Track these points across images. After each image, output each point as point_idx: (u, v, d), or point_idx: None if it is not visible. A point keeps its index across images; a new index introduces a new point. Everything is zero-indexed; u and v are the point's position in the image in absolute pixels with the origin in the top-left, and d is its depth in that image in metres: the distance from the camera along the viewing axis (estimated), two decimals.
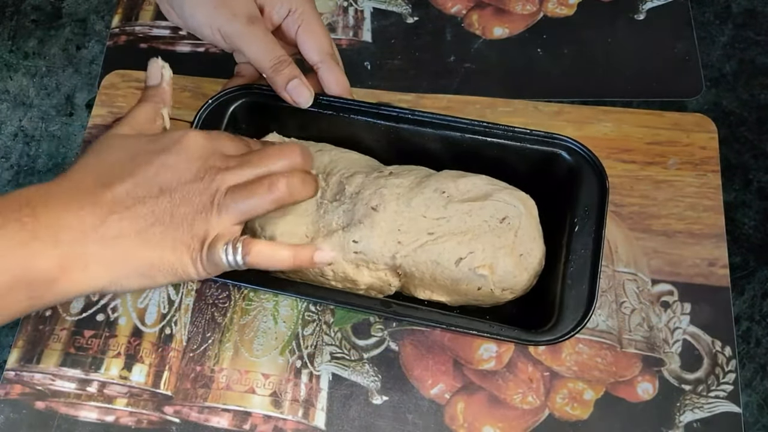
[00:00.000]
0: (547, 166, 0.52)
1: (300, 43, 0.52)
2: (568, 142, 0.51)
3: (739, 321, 0.57)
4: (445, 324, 0.47)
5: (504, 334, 0.47)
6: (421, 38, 0.68)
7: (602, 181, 0.50)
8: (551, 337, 0.46)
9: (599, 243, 0.48)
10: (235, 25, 0.50)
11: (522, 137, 0.52)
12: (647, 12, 0.68)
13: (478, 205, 0.49)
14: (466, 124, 0.52)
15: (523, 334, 0.47)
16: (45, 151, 0.66)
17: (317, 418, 0.53)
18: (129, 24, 0.69)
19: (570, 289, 0.47)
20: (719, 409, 0.52)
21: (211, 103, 0.53)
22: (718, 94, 0.65)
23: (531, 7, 0.69)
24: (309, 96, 0.51)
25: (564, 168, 0.52)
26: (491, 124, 0.52)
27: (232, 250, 0.42)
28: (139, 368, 0.54)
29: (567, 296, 0.47)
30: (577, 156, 0.51)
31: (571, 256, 0.48)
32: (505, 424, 0.52)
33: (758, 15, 0.69)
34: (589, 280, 0.47)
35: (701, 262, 0.57)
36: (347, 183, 0.51)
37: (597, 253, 0.48)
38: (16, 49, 0.70)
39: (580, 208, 0.50)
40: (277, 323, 0.55)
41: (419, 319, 0.48)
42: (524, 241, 0.49)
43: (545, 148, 0.52)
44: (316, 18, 0.53)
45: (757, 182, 0.62)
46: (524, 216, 0.50)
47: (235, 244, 0.42)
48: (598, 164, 0.51)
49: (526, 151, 0.52)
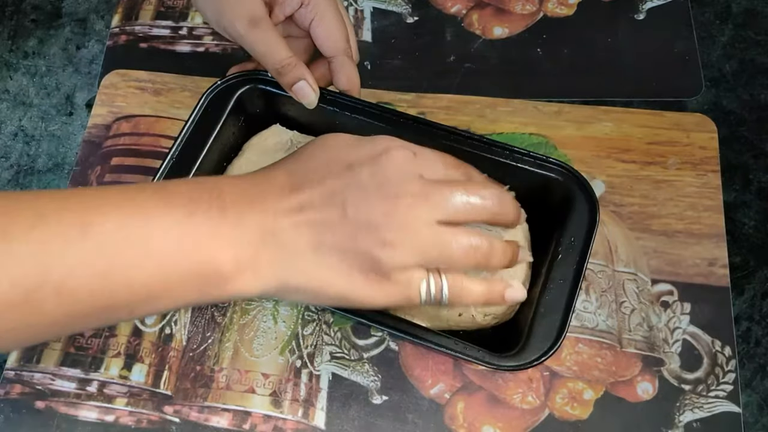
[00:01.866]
0: (541, 190, 0.51)
1: (314, 36, 0.52)
2: (566, 168, 0.50)
3: (739, 321, 0.57)
4: (411, 336, 0.46)
5: (468, 354, 0.45)
6: (421, 38, 0.68)
7: (593, 213, 0.49)
8: (514, 363, 0.45)
9: (579, 276, 0.47)
10: (237, 28, 0.49)
11: (519, 158, 0.50)
12: (647, 12, 0.68)
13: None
14: (466, 137, 0.51)
15: (486, 356, 0.45)
16: (45, 150, 0.66)
17: (317, 417, 0.53)
18: (129, 23, 0.69)
19: (542, 318, 0.46)
20: (719, 409, 0.52)
21: (219, 85, 0.53)
22: (718, 94, 0.65)
23: (531, 6, 0.69)
24: (314, 97, 0.51)
25: (557, 194, 0.50)
26: (490, 140, 0.51)
27: (435, 286, 0.39)
28: (138, 368, 0.54)
29: (537, 324, 0.46)
30: (573, 184, 0.50)
31: (549, 285, 0.47)
32: (505, 424, 0.52)
33: (758, 15, 0.69)
34: (563, 311, 0.46)
35: (701, 262, 0.57)
36: None
37: (575, 286, 0.47)
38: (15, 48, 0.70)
39: (567, 237, 0.48)
40: (276, 323, 0.55)
41: (388, 327, 0.46)
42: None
43: (541, 172, 0.50)
44: (331, 10, 0.51)
45: (757, 182, 0.62)
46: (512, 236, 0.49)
47: (438, 280, 0.39)
48: (593, 196, 0.49)
49: (521, 172, 0.51)
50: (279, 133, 0.55)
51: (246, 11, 0.49)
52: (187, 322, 0.56)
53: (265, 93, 0.54)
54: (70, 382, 0.54)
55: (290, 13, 0.52)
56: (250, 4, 0.49)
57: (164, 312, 0.38)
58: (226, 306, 0.56)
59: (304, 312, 0.56)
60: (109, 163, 0.62)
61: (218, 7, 0.50)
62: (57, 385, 0.54)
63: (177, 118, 0.63)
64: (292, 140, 0.55)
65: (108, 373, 0.54)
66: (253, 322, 0.55)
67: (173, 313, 0.56)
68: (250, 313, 0.56)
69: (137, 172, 0.61)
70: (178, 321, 0.56)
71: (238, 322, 0.55)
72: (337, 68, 0.52)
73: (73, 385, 0.54)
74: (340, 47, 0.51)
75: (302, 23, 0.52)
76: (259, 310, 0.56)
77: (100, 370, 0.54)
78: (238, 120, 0.54)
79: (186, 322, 0.56)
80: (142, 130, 0.63)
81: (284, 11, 0.51)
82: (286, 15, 0.52)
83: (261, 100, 0.54)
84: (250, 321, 0.55)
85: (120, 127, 0.63)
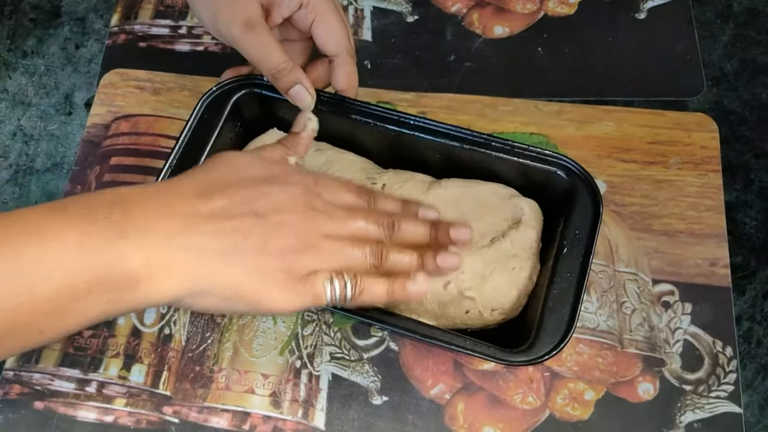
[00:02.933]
0: (544, 185, 0.51)
1: (315, 36, 0.51)
2: (568, 162, 0.50)
3: (740, 321, 0.57)
4: (420, 335, 0.46)
5: (478, 350, 0.45)
6: (422, 37, 0.68)
7: (597, 206, 0.49)
8: (525, 359, 0.45)
9: (585, 269, 0.47)
10: (232, 32, 0.49)
11: (522, 153, 0.51)
12: (648, 11, 0.68)
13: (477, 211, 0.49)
14: (467, 134, 0.51)
15: (497, 352, 0.46)
16: (44, 150, 0.66)
17: (317, 418, 0.52)
18: (128, 23, 0.69)
19: (551, 312, 0.46)
20: (720, 409, 0.52)
21: (215, 91, 0.53)
22: (719, 93, 0.65)
23: (531, 6, 0.69)
24: (310, 101, 0.51)
25: (560, 188, 0.51)
26: (491, 137, 0.51)
27: (339, 285, 0.40)
28: (138, 368, 0.54)
29: (547, 319, 0.46)
30: (575, 178, 0.50)
31: (556, 279, 0.47)
32: (506, 425, 0.52)
33: (759, 14, 0.69)
34: (571, 305, 0.46)
35: (702, 262, 0.57)
36: None
37: (582, 279, 0.47)
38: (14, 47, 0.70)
39: (571, 231, 0.49)
40: (276, 323, 0.55)
41: (396, 327, 0.47)
42: (519, 251, 0.49)
43: (544, 167, 0.51)
44: (331, 10, 0.51)
45: (758, 182, 0.62)
46: (526, 224, 0.49)
47: (343, 281, 0.40)
48: (596, 189, 0.49)
49: (524, 168, 0.51)
50: (276, 137, 0.55)
51: (241, 15, 0.48)
52: (186, 323, 0.55)
53: (261, 97, 0.54)
54: (69, 383, 0.54)
55: (288, 15, 0.51)
56: (245, 8, 0.49)
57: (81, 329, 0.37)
58: None
59: (303, 312, 0.56)
60: (108, 162, 0.62)
61: (214, 11, 0.49)
62: (56, 385, 0.54)
63: (176, 118, 0.63)
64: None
65: (107, 374, 0.54)
66: (252, 322, 0.55)
67: (173, 313, 0.56)
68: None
69: (136, 171, 0.61)
70: (177, 321, 0.56)
71: (238, 322, 0.55)
72: (338, 67, 0.51)
73: (72, 385, 0.54)
74: (342, 45, 0.51)
75: (302, 25, 0.51)
76: None
77: (99, 370, 0.54)
78: (235, 125, 0.54)
79: (185, 322, 0.55)
80: (141, 130, 0.63)
81: (282, 13, 0.51)
82: (284, 17, 0.51)
83: (257, 105, 0.54)
84: (249, 321, 0.55)
85: (119, 127, 0.63)
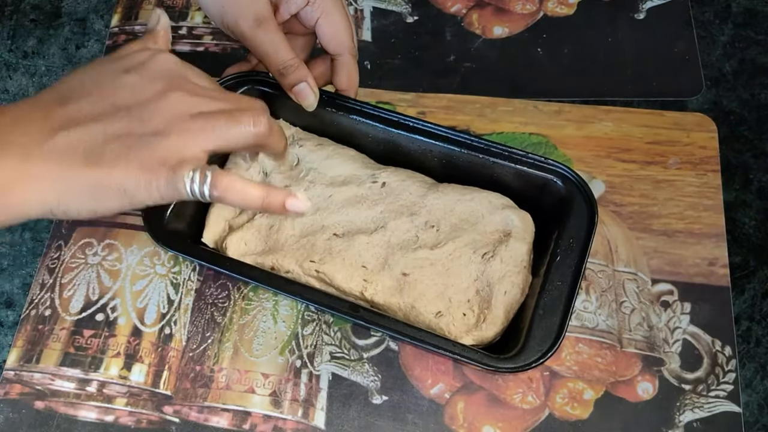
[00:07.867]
0: (540, 191, 0.51)
1: (319, 34, 0.52)
2: (565, 170, 0.50)
3: (739, 321, 0.57)
4: (410, 337, 0.46)
5: (466, 356, 0.45)
6: (421, 37, 0.68)
7: (592, 215, 0.49)
8: (512, 365, 0.45)
9: (577, 278, 0.47)
10: (241, 27, 0.49)
11: (519, 159, 0.51)
12: (647, 11, 0.68)
13: (465, 231, 0.50)
14: (466, 139, 0.52)
15: (484, 358, 0.45)
16: None
17: (317, 417, 0.53)
18: (128, 23, 0.69)
19: (540, 320, 0.46)
20: (719, 408, 0.52)
21: None
22: (718, 93, 0.65)
23: (531, 6, 0.69)
24: (314, 99, 0.51)
25: (556, 195, 0.51)
26: (489, 142, 0.51)
27: (200, 178, 0.38)
28: (138, 368, 0.54)
29: (536, 326, 0.46)
30: (571, 186, 0.50)
31: (547, 286, 0.47)
32: (505, 424, 0.52)
33: (758, 14, 0.69)
34: (561, 313, 0.46)
35: (701, 261, 0.57)
36: (336, 192, 0.52)
37: (573, 288, 0.47)
38: (15, 48, 0.70)
39: (566, 239, 0.49)
40: (276, 323, 0.55)
41: (386, 329, 0.47)
42: (510, 267, 0.49)
43: (540, 173, 0.51)
44: (337, 9, 0.51)
45: (757, 182, 0.62)
46: (516, 237, 0.50)
47: (204, 172, 0.38)
48: (591, 198, 0.50)
49: (520, 174, 0.51)
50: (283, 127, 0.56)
51: (251, 10, 0.49)
52: (186, 322, 0.56)
53: (262, 94, 0.54)
54: (70, 382, 0.54)
55: (296, 11, 0.51)
56: (255, 3, 0.49)
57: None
58: (225, 306, 0.56)
59: (304, 312, 0.56)
60: None
61: (222, 4, 0.49)
62: (56, 385, 0.54)
63: None
64: (294, 136, 0.55)
65: (108, 373, 0.54)
66: (252, 322, 0.55)
67: (173, 313, 0.56)
68: (250, 313, 0.56)
69: None
70: (178, 321, 0.56)
71: (238, 322, 0.55)
72: (340, 67, 0.52)
73: (73, 385, 0.54)
74: (346, 45, 0.51)
75: (308, 21, 0.52)
76: (258, 310, 0.56)
77: (100, 370, 0.54)
78: None
79: (186, 321, 0.56)
80: None
81: (290, 9, 0.51)
82: (292, 13, 0.51)
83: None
84: (249, 321, 0.55)
85: None
